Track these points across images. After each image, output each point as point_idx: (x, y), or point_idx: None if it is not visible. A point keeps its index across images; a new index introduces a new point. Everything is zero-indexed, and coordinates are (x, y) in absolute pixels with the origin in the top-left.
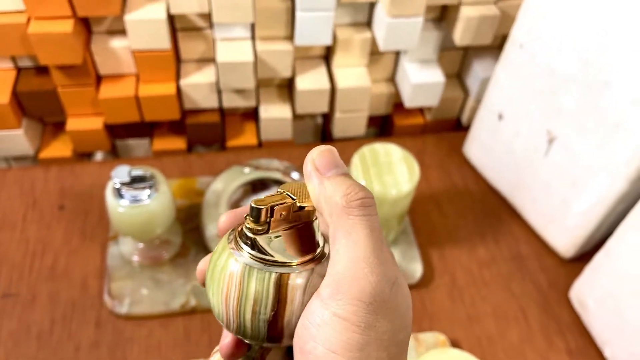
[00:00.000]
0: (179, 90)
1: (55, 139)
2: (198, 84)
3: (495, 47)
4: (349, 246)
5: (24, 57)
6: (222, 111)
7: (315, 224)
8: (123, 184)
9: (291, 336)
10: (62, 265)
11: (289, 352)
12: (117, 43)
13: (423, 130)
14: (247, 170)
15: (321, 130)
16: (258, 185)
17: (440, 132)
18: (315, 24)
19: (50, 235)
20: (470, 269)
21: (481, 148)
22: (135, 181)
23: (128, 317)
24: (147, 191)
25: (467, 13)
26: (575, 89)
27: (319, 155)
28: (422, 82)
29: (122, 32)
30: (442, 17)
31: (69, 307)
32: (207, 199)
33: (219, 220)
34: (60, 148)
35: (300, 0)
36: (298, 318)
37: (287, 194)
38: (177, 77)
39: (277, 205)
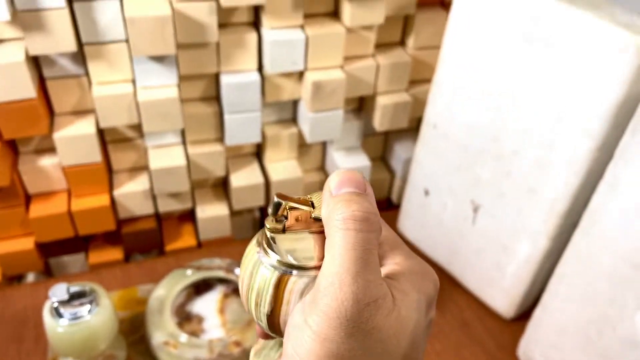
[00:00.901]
0: (112, 200)
1: None
2: (132, 193)
3: (413, 129)
4: (329, 260)
5: None
6: (158, 216)
7: None
8: (61, 302)
9: None
10: None
11: None
12: (45, 161)
13: None
14: (189, 272)
15: (259, 222)
16: (202, 286)
17: None
18: (244, 124)
19: None
20: None
21: (414, 223)
22: (73, 298)
23: None
24: (88, 306)
25: (383, 102)
26: (488, 161)
27: (335, 175)
28: (350, 168)
29: (50, 149)
30: (361, 107)
31: None
32: (150, 307)
33: None
34: None
35: (227, 104)
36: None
37: (311, 201)
38: (110, 187)
39: (294, 208)
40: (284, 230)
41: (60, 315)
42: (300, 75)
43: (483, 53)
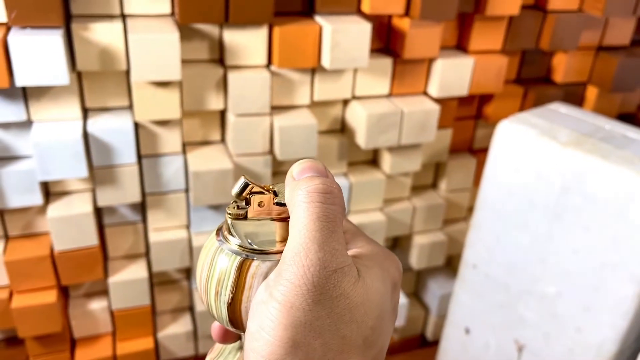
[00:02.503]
0: (156, 343)
1: None
2: (176, 335)
3: (445, 266)
4: (294, 233)
5: None
6: (197, 358)
7: None
8: None
9: None
10: None
11: None
12: (94, 305)
13: (391, 351)
14: None
15: None
16: None
17: (409, 350)
18: None
19: None
20: None
21: None
22: None
23: None
24: None
25: (419, 241)
26: (531, 301)
27: (297, 164)
28: None
29: (99, 292)
30: (395, 244)
31: None
32: None
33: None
34: None
35: None
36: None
37: (274, 190)
38: (154, 330)
39: (257, 193)
40: (245, 217)
41: None
42: None
43: (520, 198)
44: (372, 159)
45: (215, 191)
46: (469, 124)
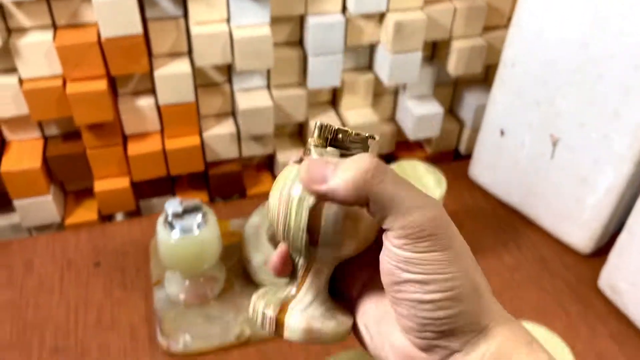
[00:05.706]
0: (202, 142)
1: (78, 205)
2: (220, 135)
3: (481, 80)
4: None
5: (51, 125)
6: (240, 159)
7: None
8: (175, 215)
9: (327, 240)
10: (107, 317)
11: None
12: (142, 102)
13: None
14: None
15: None
16: None
17: (442, 163)
18: (326, 67)
19: (91, 291)
20: (501, 273)
21: (487, 168)
22: (185, 212)
23: (185, 355)
24: (198, 220)
25: (459, 45)
26: (570, 92)
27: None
28: (423, 114)
29: (146, 91)
30: (433, 54)
31: (121, 355)
32: (247, 233)
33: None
34: (83, 213)
35: (311, 46)
36: (336, 215)
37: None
38: (200, 130)
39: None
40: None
41: (172, 227)
42: (381, 18)
43: None
44: None
45: None
46: None
